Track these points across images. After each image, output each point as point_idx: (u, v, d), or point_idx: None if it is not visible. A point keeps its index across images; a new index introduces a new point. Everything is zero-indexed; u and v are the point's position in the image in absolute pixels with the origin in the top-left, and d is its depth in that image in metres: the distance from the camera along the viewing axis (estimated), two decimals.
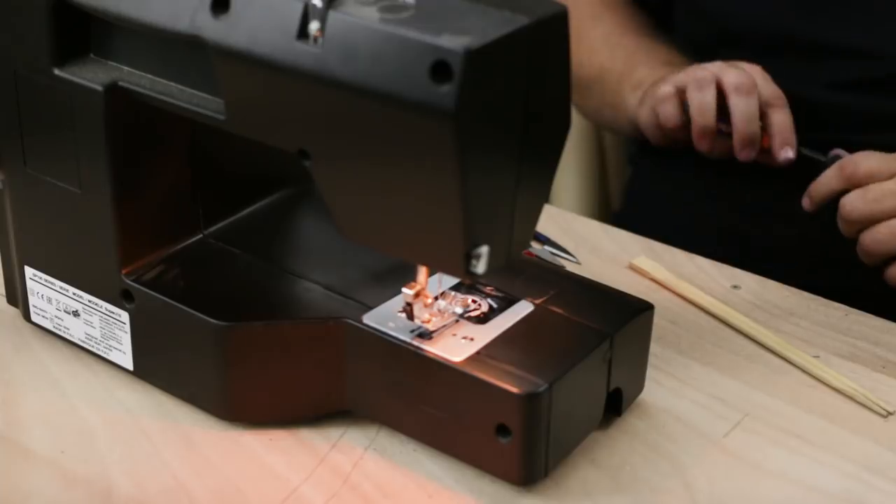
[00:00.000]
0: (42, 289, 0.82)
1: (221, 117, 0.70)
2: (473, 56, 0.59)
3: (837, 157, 1.00)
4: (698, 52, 1.14)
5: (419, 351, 0.72)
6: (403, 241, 0.69)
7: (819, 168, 1.01)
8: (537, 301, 0.77)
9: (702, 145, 1.04)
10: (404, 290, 0.73)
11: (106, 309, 0.79)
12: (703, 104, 1.02)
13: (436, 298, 0.75)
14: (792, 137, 1.01)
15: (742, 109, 1.00)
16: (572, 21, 0.63)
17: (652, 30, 1.20)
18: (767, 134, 1.02)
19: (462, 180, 0.62)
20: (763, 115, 1.02)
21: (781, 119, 1.01)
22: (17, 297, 0.84)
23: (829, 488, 0.74)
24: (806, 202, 1.01)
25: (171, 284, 0.77)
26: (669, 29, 1.21)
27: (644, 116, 1.09)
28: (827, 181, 0.99)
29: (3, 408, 0.78)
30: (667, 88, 1.04)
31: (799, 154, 1.02)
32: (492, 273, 0.67)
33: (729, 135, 1.02)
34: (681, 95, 1.04)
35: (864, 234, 0.97)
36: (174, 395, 0.79)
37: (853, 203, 0.97)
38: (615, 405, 0.77)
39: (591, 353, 0.72)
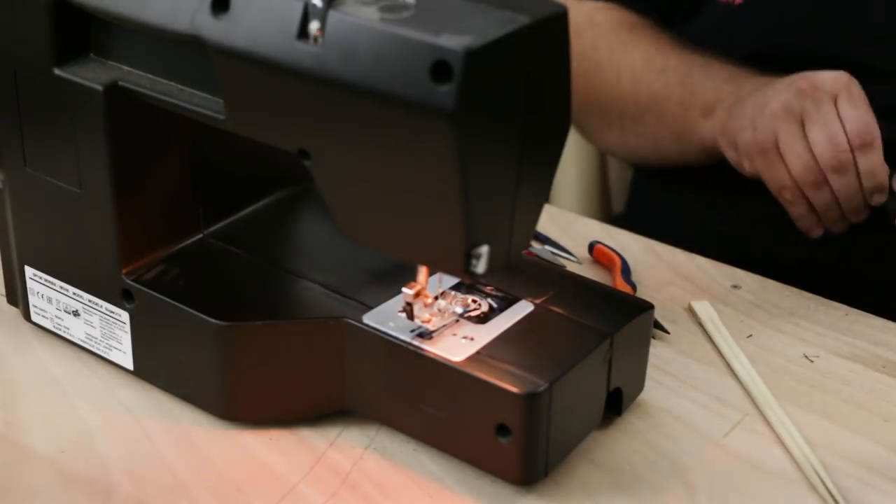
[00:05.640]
0: (42, 288, 0.82)
1: (221, 117, 0.70)
2: (473, 56, 0.59)
3: None
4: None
5: (419, 351, 0.72)
6: (403, 240, 0.69)
7: None
8: (537, 301, 0.77)
9: (834, 228, 0.99)
10: (404, 289, 0.73)
11: (106, 309, 0.79)
12: (823, 202, 0.96)
13: (436, 298, 0.75)
14: (881, 184, 0.94)
15: (842, 189, 0.94)
16: (603, 53, 0.60)
17: (689, 44, 1.12)
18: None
19: (462, 180, 0.62)
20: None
21: (867, 165, 0.94)
22: (17, 296, 0.84)
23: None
24: None
25: (171, 284, 0.77)
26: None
27: (733, 158, 1.01)
28: None
29: (3, 408, 0.78)
30: (772, 161, 0.96)
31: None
32: (492, 273, 0.67)
33: None
34: (784, 161, 0.96)
35: None
36: (174, 394, 0.79)
37: None
38: (615, 405, 0.77)
39: (591, 353, 0.72)
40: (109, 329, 0.79)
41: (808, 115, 0.95)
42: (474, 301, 0.76)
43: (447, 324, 0.74)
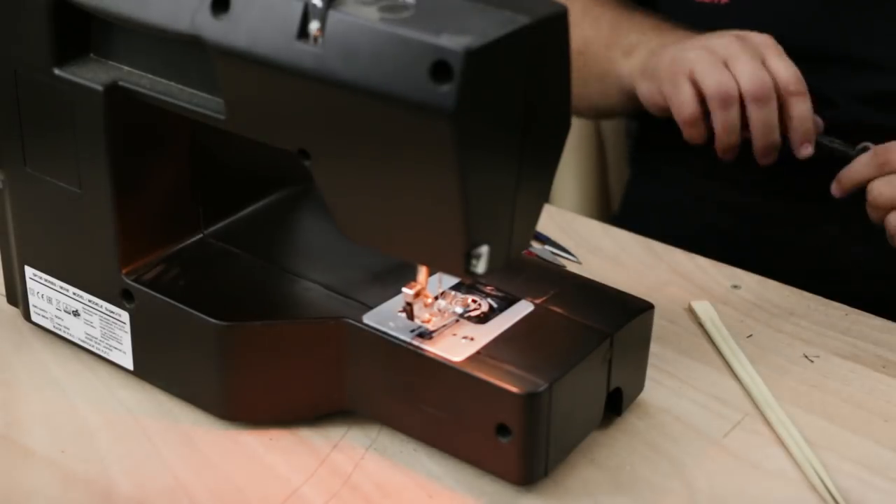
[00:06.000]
0: (42, 288, 0.82)
1: (221, 117, 0.70)
2: (473, 56, 0.59)
3: (866, 149, 0.97)
4: None
5: (419, 351, 0.72)
6: (403, 240, 0.69)
7: (842, 159, 0.98)
8: (537, 301, 0.77)
9: (725, 157, 1.00)
10: (404, 289, 0.73)
11: (106, 309, 0.79)
12: (729, 124, 0.97)
13: (436, 298, 0.75)
14: (811, 131, 0.98)
15: (762, 120, 0.96)
16: None
17: (631, 3, 1.16)
18: (787, 127, 0.98)
19: (462, 180, 0.62)
20: (781, 105, 0.97)
21: (801, 111, 0.97)
22: (17, 296, 0.84)
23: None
24: (835, 188, 0.98)
25: (171, 284, 0.77)
26: None
27: (646, 90, 1.04)
28: (859, 168, 0.96)
29: (3, 408, 0.78)
30: (683, 83, 0.99)
31: (818, 145, 0.99)
32: (492, 273, 0.67)
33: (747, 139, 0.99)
34: (696, 86, 0.99)
35: (891, 216, 0.96)
36: (174, 394, 0.79)
37: (881, 188, 0.96)
38: (615, 405, 0.77)
39: (591, 353, 0.72)
40: (109, 329, 0.79)
41: (732, 57, 0.97)
42: (474, 301, 0.76)
43: (447, 324, 0.74)
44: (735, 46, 0.98)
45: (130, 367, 0.80)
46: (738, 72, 0.97)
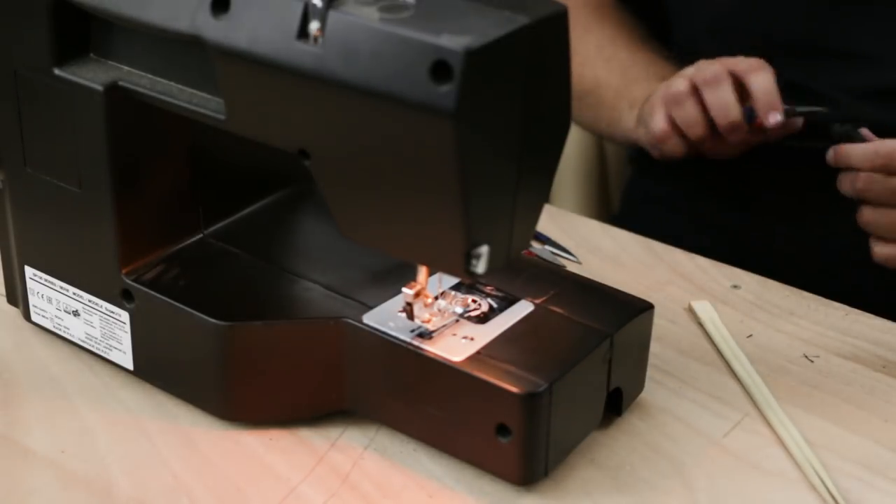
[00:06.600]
0: (42, 288, 0.82)
1: (221, 117, 0.70)
2: (473, 56, 0.59)
3: (853, 131, 0.97)
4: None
5: (419, 351, 0.72)
6: (403, 240, 0.69)
7: (826, 130, 0.98)
8: (537, 301, 0.77)
9: (733, 138, 1.02)
10: (404, 289, 0.73)
11: (106, 308, 0.79)
12: (724, 101, 1.00)
13: (436, 298, 0.75)
14: (776, 100, 0.98)
15: (714, 101, 0.99)
16: None
17: (645, 40, 1.18)
18: (750, 101, 0.99)
19: (462, 180, 0.62)
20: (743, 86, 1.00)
21: (760, 82, 0.99)
22: (17, 296, 0.84)
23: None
24: (830, 156, 0.98)
25: (171, 284, 0.77)
26: (664, 35, 1.20)
27: (642, 136, 1.08)
28: (858, 157, 0.96)
29: (3, 408, 0.78)
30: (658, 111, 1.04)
31: (795, 113, 1.00)
32: (492, 273, 0.67)
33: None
34: (696, 97, 1.02)
35: (867, 209, 0.97)
36: (174, 394, 0.79)
37: (874, 184, 0.95)
38: (615, 405, 0.77)
39: (591, 353, 0.72)
40: (109, 329, 0.79)
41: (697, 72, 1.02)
42: (474, 301, 0.76)
43: (447, 324, 0.74)
44: (698, 66, 1.03)
45: (130, 367, 0.80)
46: (688, 73, 1.02)
